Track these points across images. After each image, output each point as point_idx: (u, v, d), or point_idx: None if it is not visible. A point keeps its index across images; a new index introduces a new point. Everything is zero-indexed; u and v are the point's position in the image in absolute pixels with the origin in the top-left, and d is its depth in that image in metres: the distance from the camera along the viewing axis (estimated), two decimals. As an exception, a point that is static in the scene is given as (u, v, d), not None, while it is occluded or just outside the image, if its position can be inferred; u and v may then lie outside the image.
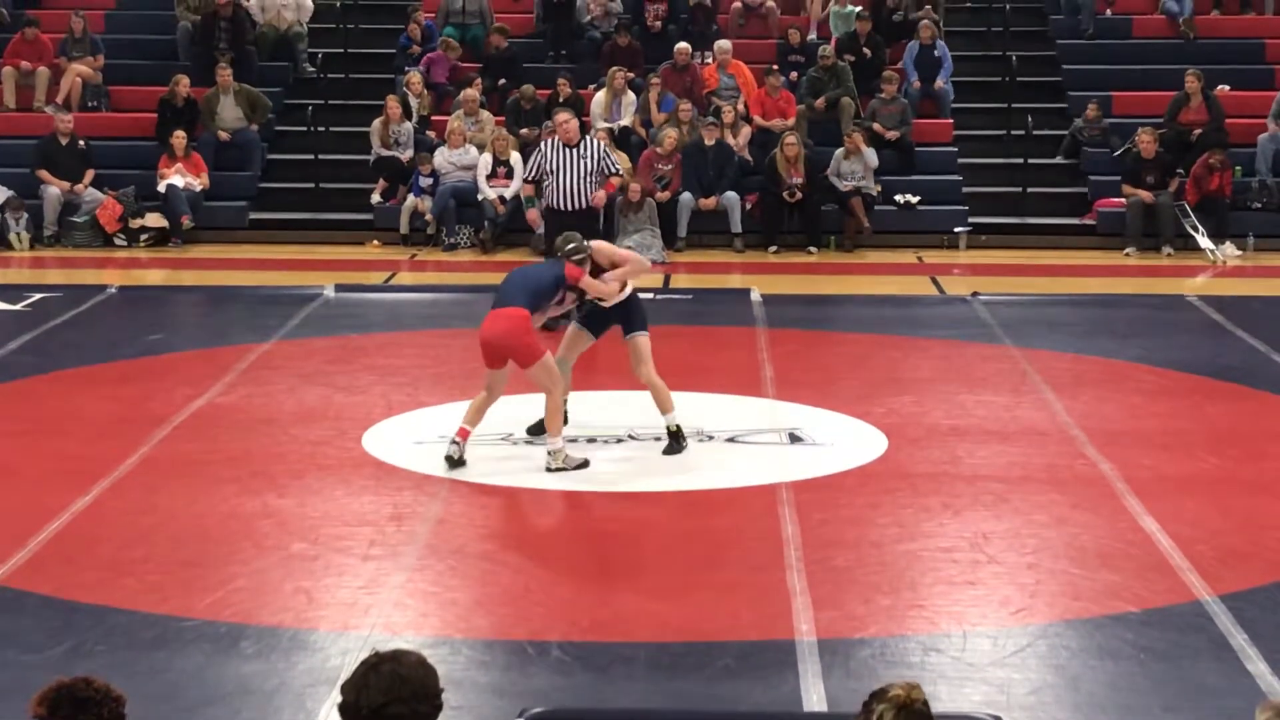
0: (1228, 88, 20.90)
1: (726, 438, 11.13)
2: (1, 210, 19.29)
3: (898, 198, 19.90)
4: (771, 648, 7.56)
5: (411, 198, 19.61)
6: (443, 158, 19.65)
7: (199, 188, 19.77)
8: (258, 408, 11.88)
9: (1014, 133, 20.71)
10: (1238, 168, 19.82)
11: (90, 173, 19.74)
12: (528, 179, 14.28)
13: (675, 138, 19.53)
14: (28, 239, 19.31)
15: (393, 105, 20.06)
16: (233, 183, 20.36)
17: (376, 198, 19.99)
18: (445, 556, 8.80)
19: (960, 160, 20.74)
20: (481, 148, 19.66)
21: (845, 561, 8.72)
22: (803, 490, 9.91)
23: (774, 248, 19.34)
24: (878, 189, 19.73)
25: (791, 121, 20.23)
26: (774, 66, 20.84)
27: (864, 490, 9.99)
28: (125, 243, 19.49)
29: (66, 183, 19.51)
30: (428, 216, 19.50)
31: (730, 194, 19.43)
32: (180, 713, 6.82)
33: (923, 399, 12.20)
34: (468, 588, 8.44)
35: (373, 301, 16.55)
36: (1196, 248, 19.03)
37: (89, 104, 21.15)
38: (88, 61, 21.26)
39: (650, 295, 16.69)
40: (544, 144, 13.64)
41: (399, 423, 11.45)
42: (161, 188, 19.56)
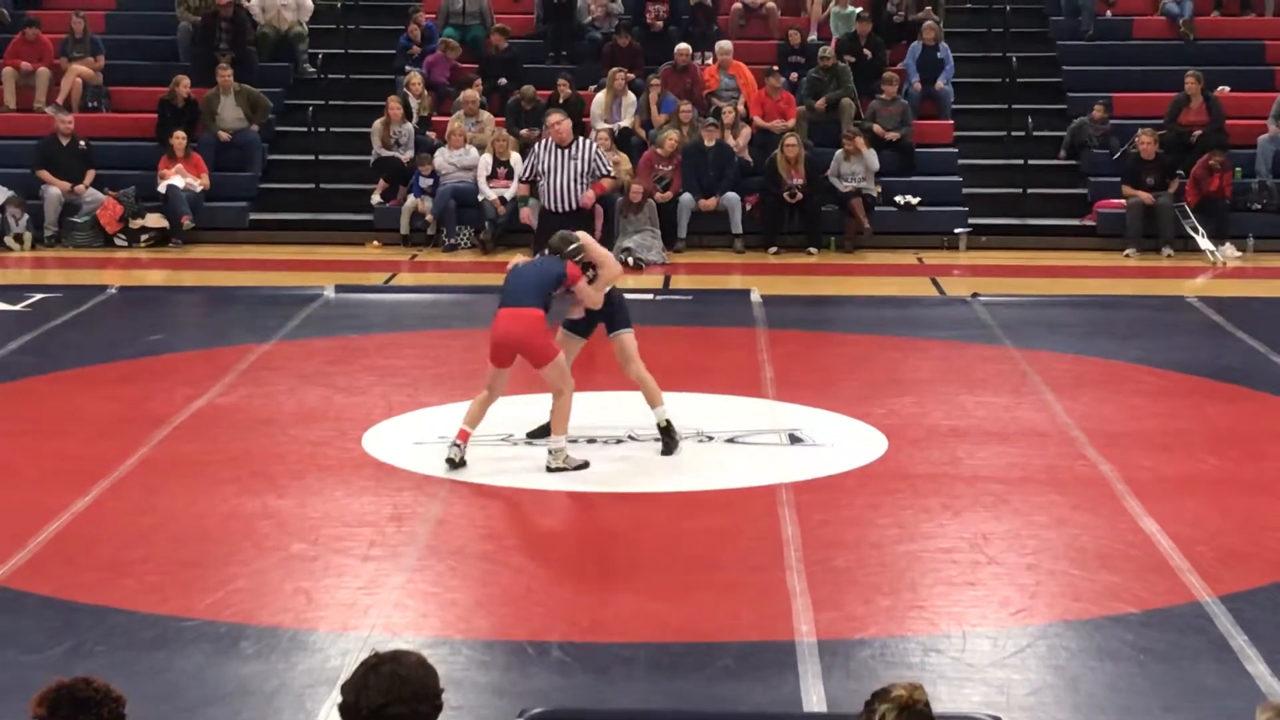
0: (1228, 89, 20.89)
1: (726, 438, 11.13)
2: (2, 210, 19.29)
3: (898, 199, 19.90)
4: (771, 648, 7.56)
5: (412, 198, 19.61)
6: (443, 158, 19.65)
7: (199, 188, 19.78)
8: (258, 408, 11.88)
9: (1014, 134, 20.71)
10: (1238, 169, 19.81)
11: (91, 173, 19.74)
12: (522, 179, 14.38)
13: (675, 139, 19.53)
14: (28, 239, 19.31)
15: (394, 106, 20.06)
16: (233, 183, 20.36)
17: (377, 198, 19.99)
18: (445, 557, 8.80)
19: (960, 161, 20.74)
20: (482, 148, 19.65)
21: (845, 562, 8.72)
22: (803, 491, 9.91)
23: (774, 249, 19.34)
24: (878, 190, 19.74)
25: (792, 122, 20.22)
26: (774, 67, 20.84)
27: (864, 491, 9.99)
28: (125, 243, 19.50)
29: (67, 183, 19.52)
30: (428, 217, 19.50)
31: (730, 195, 19.42)
32: (180, 713, 6.82)
33: (923, 400, 12.20)
34: (468, 588, 8.44)
35: (373, 302, 16.55)
36: (1196, 249, 19.03)
37: (89, 104, 21.15)
38: (88, 62, 21.26)
39: (650, 296, 16.73)
40: (537, 145, 13.67)
41: (399, 423, 11.45)
42: (162, 188, 19.57)
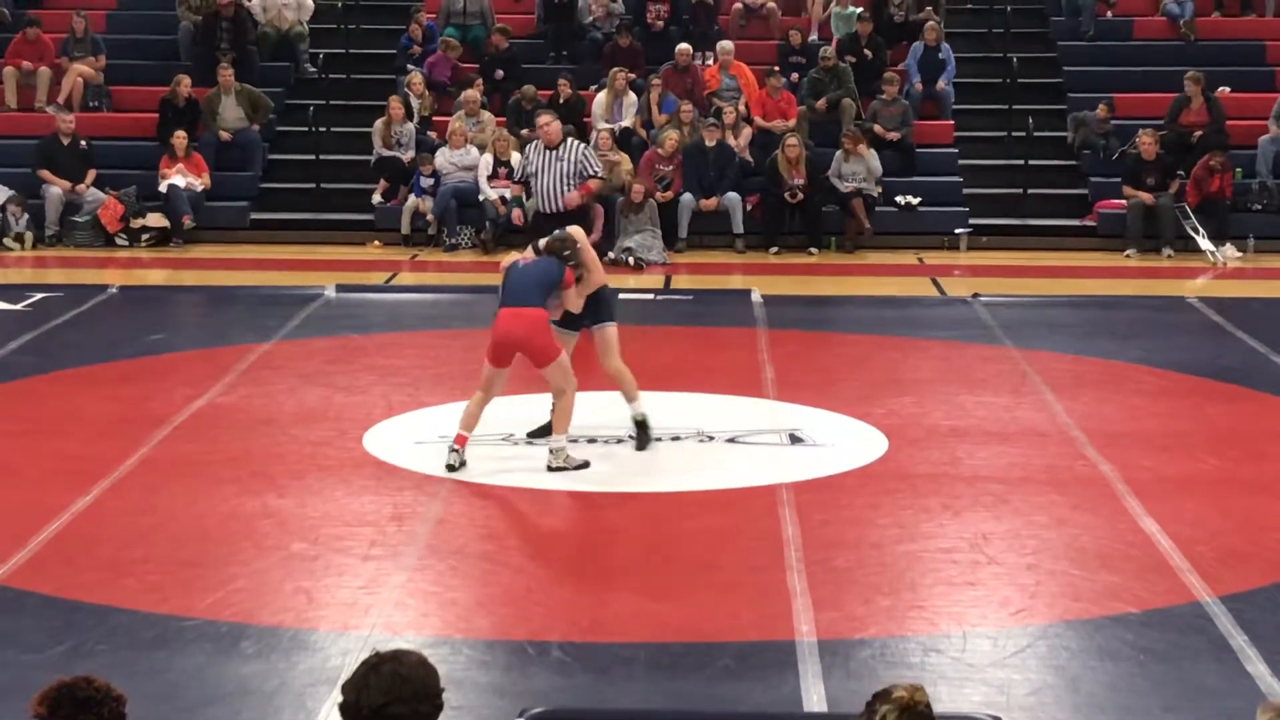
0: (1228, 89, 20.89)
1: (727, 438, 11.13)
2: (3, 210, 19.30)
3: (898, 199, 19.90)
4: (772, 648, 7.56)
5: (413, 198, 19.62)
6: (444, 158, 19.65)
7: (200, 188, 19.78)
8: (258, 408, 11.89)
9: (1015, 134, 20.71)
10: (1238, 169, 19.81)
11: (92, 173, 19.74)
12: (515, 180, 14.43)
13: (676, 139, 19.53)
14: (29, 239, 19.32)
15: (395, 106, 20.06)
16: (234, 183, 20.37)
17: (378, 198, 19.99)
18: (446, 556, 8.80)
19: (961, 162, 20.74)
20: (482, 148, 19.65)
21: (845, 562, 8.72)
22: (803, 491, 9.92)
23: (775, 249, 19.34)
24: (878, 190, 19.74)
25: (792, 123, 20.22)
26: (775, 68, 20.83)
27: (864, 491, 9.99)
28: (126, 242, 19.50)
29: (67, 182, 19.51)
30: (429, 217, 19.50)
31: (731, 195, 19.43)
32: (180, 712, 6.82)
33: (923, 400, 12.20)
34: (468, 588, 8.44)
35: (373, 302, 16.55)
36: (1197, 249, 19.02)
37: (90, 104, 21.15)
38: (89, 61, 21.26)
39: (651, 296, 16.75)
40: (529, 146, 13.71)
41: (399, 423, 11.45)
42: (163, 188, 19.57)
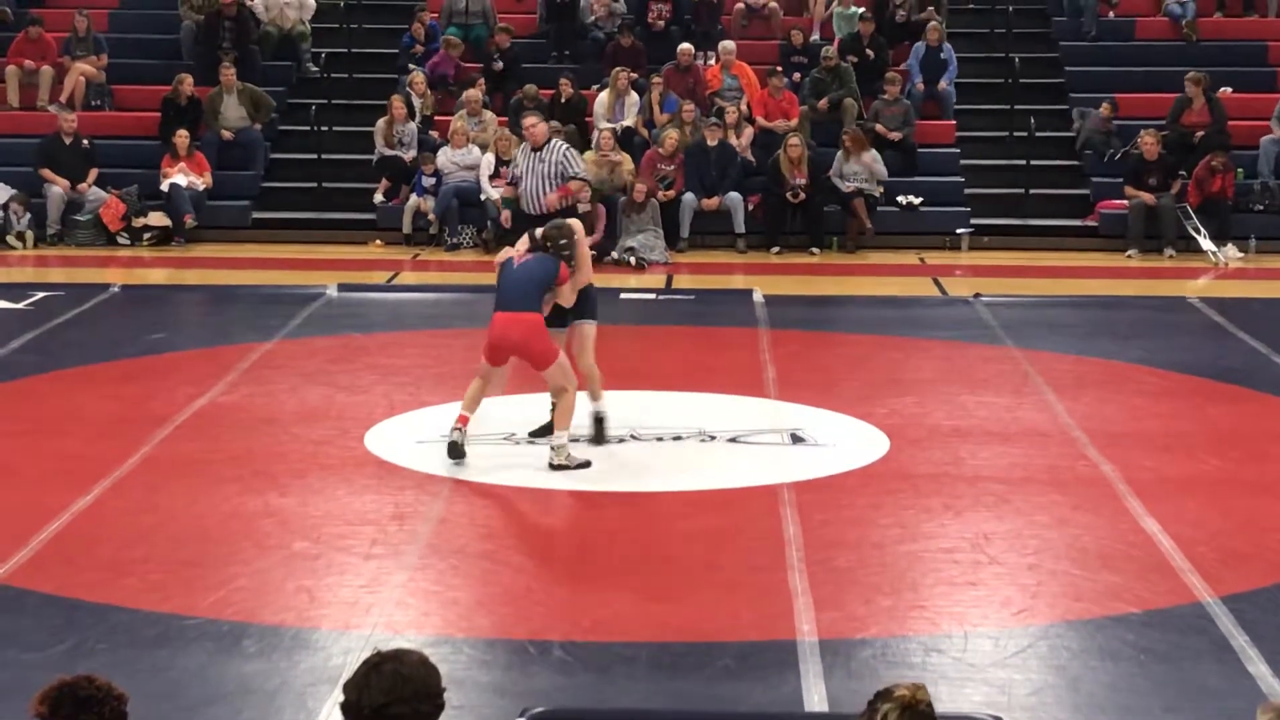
0: (1230, 90, 20.89)
1: (728, 438, 11.13)
2: (5, 209, 19.30)
3: (900, 199, 19.89)
4: (773, 648, 7.56)
5: (414, 197, 19.62)
6: (445, 158, 19.65)
7: (202, 187, 19.79)
8: (260, 407, 11.89)
9: (1016, 134, 20.71)
10: (1240, 170, 19.81)
11: (94, 172, 19.74)
12: (507, 181, 14.43)
13: (675, 138, 19.53)
14: (31, 238, 19.32)
15: (398, 105, 20.06)
16: (236, 182, 20.37)
17: (379, 197, 20.00)
18: (447, 556, 8.81)
19: (962, 162, 20.73)
20: (484, 148, 19.65)
21: (847, 562, 8.72)
22: (804, 491, 9.92)
23: (776, 248, 19.34)
24: (880, 190, 19.73)
25: (794, 122, 20.22)
26: (777, 68, 20.84)
27: (866, 491, 9.99)
28: (128, 241, 19.50)
29: (67, 181, 19.48)
30: (430, 216, 19.50)
31: (733, 195, 19.43)
32: (182, 711, 6.82)
33: (924, 400, 12.20)
34: (469, 587, 8.44)
35: (375, 301, 16.55)
36: (1198, 250, 19.02)
37: (92, 103, 21.15)
38: (91, 60, 21.27)
39: (653, 295, 16.75)
40: (517, 148, 13.76)
41: (401, 422, 11.45)
42: (165, 187, 19.58)
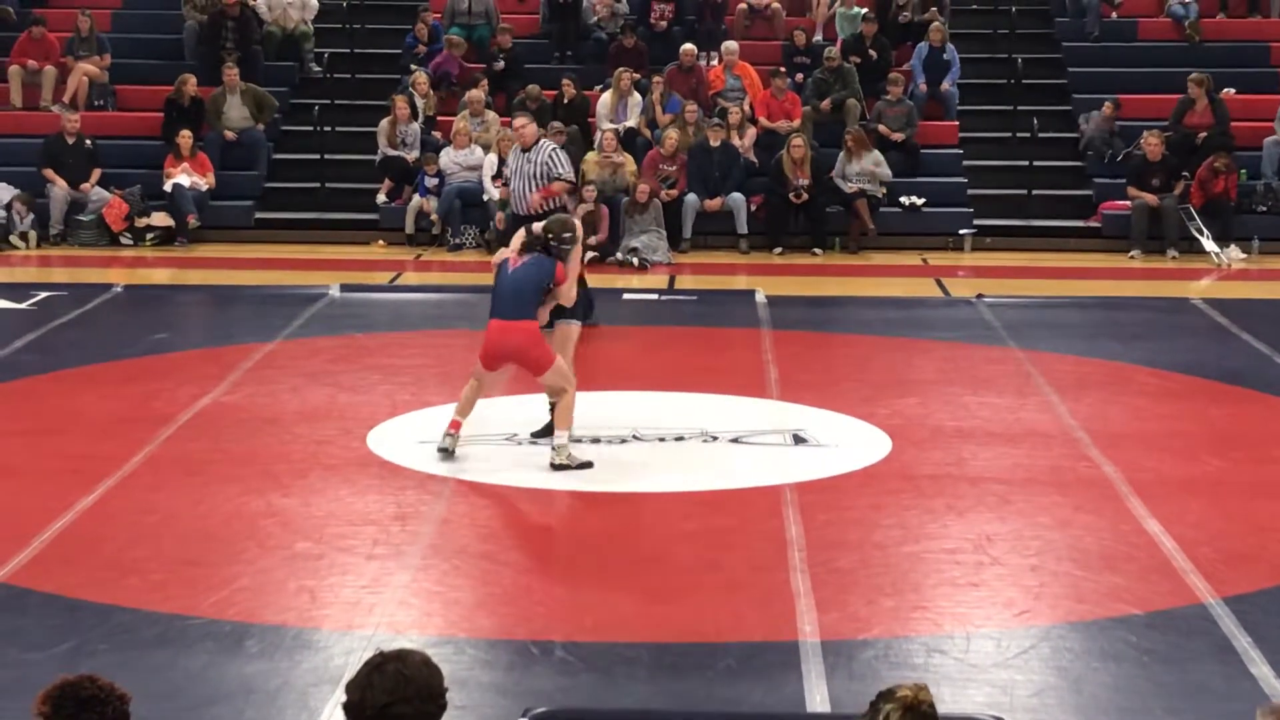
0: (1233, 91, 20.88)
1: (731, 438, 11.12)
2: (8, 209, 19.31)
3: (903, 200, 19.89)
4: (775, 649, 7.56)
5: (417, 198, 19.62)
6: (448, 158, 19.66)
7: (205, 187, 19.79)
8: (262, 407, 11.89)
9: (1019, 135, 20.70)
10: (1243, 171, 19.79)
11: (97, 172, 19.75)
12: (502, 182, 14.52)
13: (675, 138, 19.52)
14: (34, 237, 19.33)
15: (401, 105, 20.06)
16: (238, 182, 20.37)
17: (382, 198, 20.00)
18: (449, 556, 8.81)
19: (965, 162, 20.72)
20: (487, 148, 19.65)
21: (849, 563, 8.72)
22: (807, 491, 9.91)
23: (779, 249, 19.33)
24: (883, 191, 19.73)
25: (797, 123, 20.22)
26: (780, 68, 20.84)
27: (868, 492, 9.99)
28: (131, 242, 19.50)
29: (65, 183, 19.47)
30: (433, 217, 19.50)
31: (735, 195, 19.43)
32: (184, 711, 6.82)
33: (927, 401, 12.20)
34: (471, 587, 8.44)
35: (378, 301, 16.55)
36: (1201, 251, 19.01)
37: (95, 103, 21.16)
38: (94, 61, 21.27)
39: (655, 296, 16.75)
40: (511, 148, 13.78)
41: (403, 422, 11.46)
42: (168, 187, 19.58)
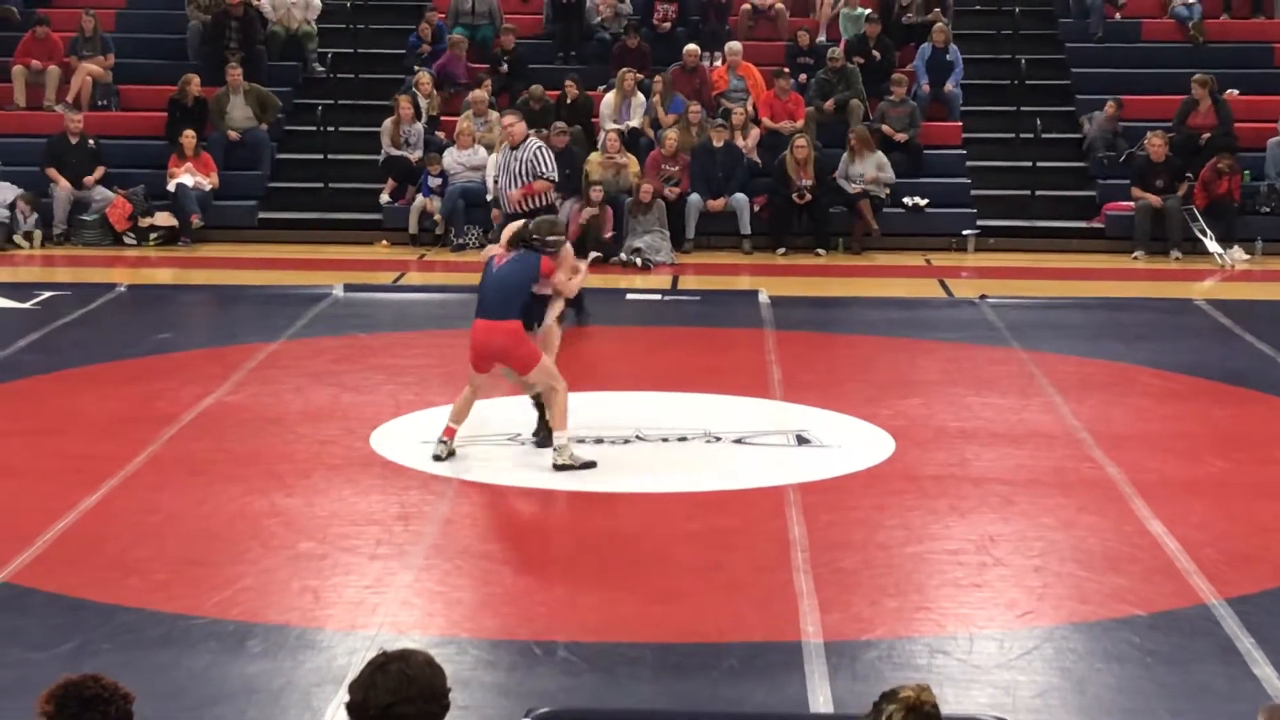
0: (1237, 92, 20.88)
1: (734, 439, 11.12)
2: (11, 208, 19.32)
3: (906, 200, 19.88)
4: (778, 649, 7.56)
5: (420, 198, 19.63)
6: (451, 158, 19.66)
7: (208, 187, 19.79)
8: (266, 407, 11.89)
9: (1023, 136, 20.70)
10: (1246, 172, 19.79)
11: (100, 169, 19.74)
12: (494, 179, 14.56)
13: (674, 138, 19.49)
14: (38, 237, 19.33)
15: (404, 105, 20.06)
16: (242, 182, 20.38)
17: (385, 198, 20.01)
18: (452, 556, 8.81)
19: (969, 163, 20.71)
20: (490, 148, 19.63)
21: (852, 563, 8.72)
22: (810, 492, 9.91)
23: (782, 250, 19.33)
24: (886, 192, 19.72)
25: (800, 124, 20.22)
26: (783, 69, 20.83)
27: (871, 492, 9.98)
28: (134, 241, 19.50)
29: (68, 182, 19.47)
30: (436, 217, 19.51)
31: (739, 196, 19.43)
32: (187, 711, 6.82)
33: (930, 401, 12.20)
34: (474, 587, 8.44)
35: (381, 301, 16.56)
36: (1205, 252, 18.99)
37: (99, 103, 21.16)
38: (98, 60, 21.28)
39: (659, 296, 16.75)
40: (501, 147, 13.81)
41: (407, 422, 11.46)
42: (171, 187, 19.59)
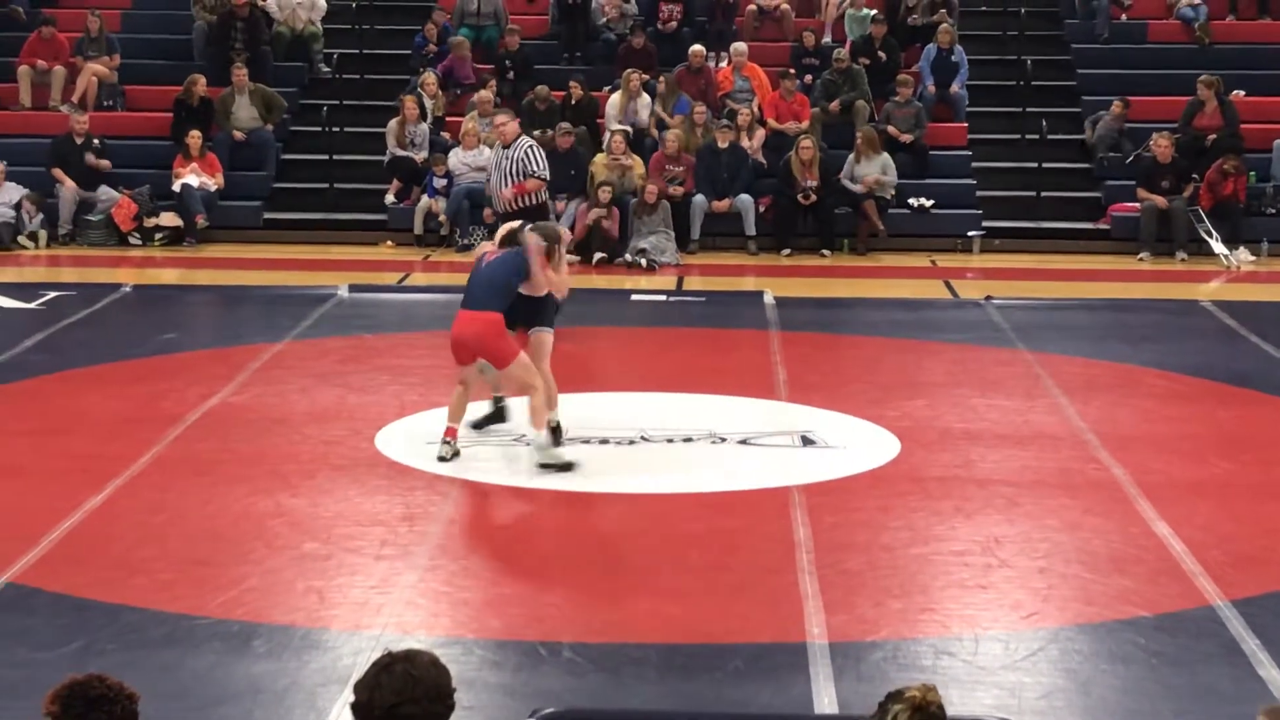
0: (1243, 93, 20.87)
1: (739, 440, 11.12)
2: (17, 208, 19.33)
3: (912, 201, 19.87)
4: (783, 650, 7.56)
5: (426, 198, 19.63)
6: (457, 159, 19.66)
7: (214, 187, 19.80)
8: (271, 407, 11.90)
9: (1028, 137, 20.69)
10: (1252, 173, 19.78)
11: (106, 164, 19.75)
12: (487, 179, 14.57)
13: (674, 139, 19.47)
14: (43, 237, 19.35)
15: (410, 105, 20.06)
16: (247, 182, 20.39)
17: (391, 198, 20.01)
18: (457, 556, 8.81)
19: (974, 164, 20.71)
20: (495, 149, 19.65)
21: (857, 564, 8.72)
22: (814, 493, 9.91)
23: (787, 250, 19.32)
24: (891, 193, 19.71)
25: (805, 125, 20.21)
26: (789, 70, 20.83)
27: (876, 493, 9.98)
28: (140, 242, 19.51)
29: (75, 182, 19.50)
30: (441, 217, 19.51)
31: (744, 196, 19.42)
32: (192, 711, 6.83)
33: (935, 402, 12.19)
34: (479, 588, 8.45)
35: (386, 302, 16.56)
36: (1210, 253, 18.99)
37: (105, 103, 21.18)
38: (104, 61, 21.29)
39: (664, 297, 16.75)
40: (493, 146, 13.85)
41: (412, 423, 11.46)
42: (176, 187, 19.60)
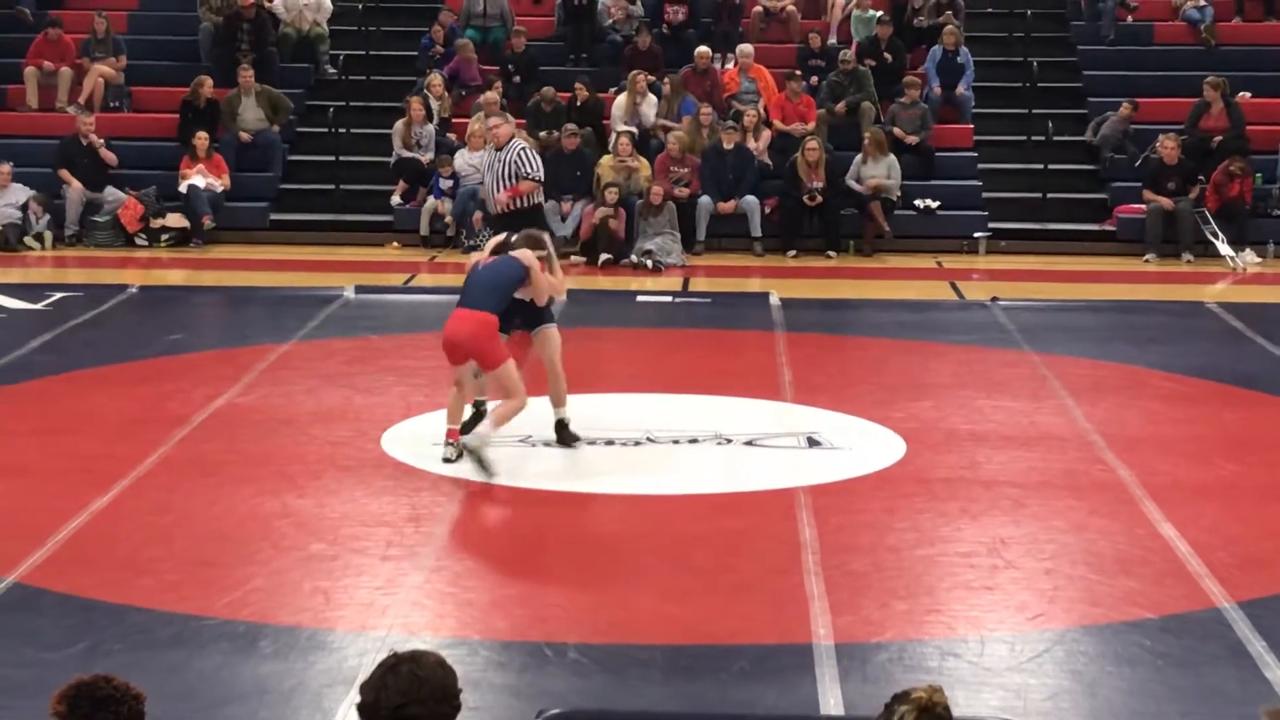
0: (1249, 95, 20.86)
1: (744, 441, 11.12)
2: (24, 209, 19.35)
3: (917, 203, 19.87)
4: (788, 651, 7.56)
5: (432, 200, 19.64)
6: (463, 160, 19.66)
7: (220, 188, 19.82)
8: (277, 408, 11.90)
9: (1034, 139, 20.68)
10: (1258, 175, 19.77)
11: (113, 157, 19.78)
12: (480, 181, 14.59)
13: (677, 140, 19.46)
14: (50, 238, 19.37)
15: (416, 107, 20.07)
16: (254, 184, 20.40)
17: (397, 199, 20.02)
18: (463, 557, 8.82)
19: (980, 165, 20.70)
20: (501, 150, 19.64)
21: (862, 566, 8.72)
22: (820, 494, 9.91)
23: (793, 252, 19.32)
24: (897, 194, 19.71)
25: (811, 126, 20.21)
26: (795, 71, 20.83)
27: (882, 495, 9.98)
28: (146, 243, 19.53)
29: (81, 183, 19.51)
30: (448, 219, 19.52)
31: (749, 198, 19.42)
32: (198, 712, 6.83)
33: (941, 404, 12.19)
34: (485, 589, 8.45)
35: (392, 303, 16.58)
36: (1216, 254, 18.98)
37: (111, 104, 21.20)
38: (110, 62, 21.30)
39: (669, 298, 16.76)
40: (486, 148, 13.87)
41: (418, 424, 11.46)
42: (183, 188, 19.61)
